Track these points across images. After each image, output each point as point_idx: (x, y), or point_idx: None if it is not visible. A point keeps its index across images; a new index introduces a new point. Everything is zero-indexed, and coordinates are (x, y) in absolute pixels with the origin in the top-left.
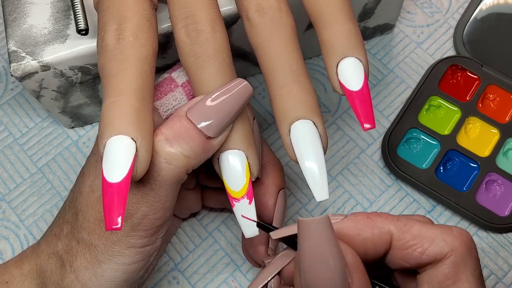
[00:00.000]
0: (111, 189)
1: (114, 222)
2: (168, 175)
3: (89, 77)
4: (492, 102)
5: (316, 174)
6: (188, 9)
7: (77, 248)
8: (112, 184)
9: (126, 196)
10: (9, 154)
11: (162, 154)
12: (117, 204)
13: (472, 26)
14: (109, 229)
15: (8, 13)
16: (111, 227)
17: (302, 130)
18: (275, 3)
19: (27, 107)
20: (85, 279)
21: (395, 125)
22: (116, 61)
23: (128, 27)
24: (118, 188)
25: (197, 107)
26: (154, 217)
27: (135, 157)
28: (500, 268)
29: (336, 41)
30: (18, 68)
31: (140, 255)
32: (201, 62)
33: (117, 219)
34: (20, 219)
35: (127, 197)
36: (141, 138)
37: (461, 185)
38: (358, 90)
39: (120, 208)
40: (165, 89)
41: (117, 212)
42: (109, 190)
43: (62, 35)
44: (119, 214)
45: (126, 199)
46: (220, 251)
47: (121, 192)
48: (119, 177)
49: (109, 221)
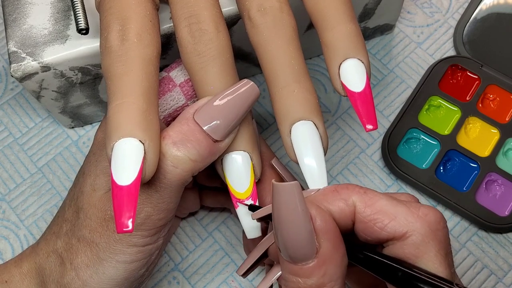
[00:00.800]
0: (121, 191)
1: (125, 225)
2: (173, 178)
3: (89, 77)
4: (492, 102)
5: (316, 174)
6: (191, 8)
7: (77, 246)
8: (122, 187)
9: (136, 198)
10: (9, 154)
11: (169, 157)
12: (127, 207)
13: (472, 26)
14: (120, 231)
15: (8, 13)
16: (122, 230)
17: (302, 130)
18: (277, 3)
19: (27, 107)
20: (85, 277)
21: (395, 125)
22: (121, 63)
23: (131, 28)
24: (128, 191)
25: (204, 109)
26: (157, 218)
27: (144, 159)
28: (500, 268)
29: (338, 42)
30: (18, 68)
31: (141, 253)
32: (205, 62)
33: (128, 222)
34: (20, 219)
35: (137, 199)
36: (149, 141)
37: (461, 185)
38: (361, 91)
39: (131, 211)
40: (163, 88)
41: (128, 214)
42: (119, 193)
43: (62, 36)
44: (130, 217)
45: (136, 202)
46: (220, 251)
47: (131, 195)
48: (129, 179)
49: (120, 224)
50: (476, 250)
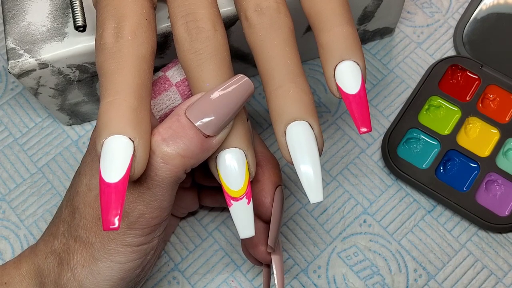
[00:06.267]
0: (109, 189)
1: (111, 222)
2: (165, 175)
3: (87, 75)
4: (492, 102)
5: (310, 175)
6: (189, 6)
7: (74, 246)
8: (109, 184)
9: (123, 196)
10: (9, 154)
11: (159, 154)
12: (114, 204)
13: (472, 26)
14: (107, 229)
15: (7, 10)
16: (109, 227)
17: (297, 131)
18: (274, 4)
19: (27, 107)
20: (81, 277)
21: (395, 125)
22: (114, 60)
23: (126, 26)
24: (115, 188)
25: (197, 105)
26: (151, 216)
27: (133, 157)
28: (500, 268)
29: (334, 44)
30: (16, 65)
31: (136, 253)
32: (202, 59)
33: (115, 219)
34: (20, 219)
35: (124, 197)
36: (139, 138)
37: (461, 185)
38: (355, 93)
39: (117, 209)
40: (159, 88)
41: (115, 212)
42: (107, 190)
43: (61, 33)
44: (117, 214)
45: (123, 199)
46: (220, 251)
47: (119, 192)
48: (117, 177)
49: (107, 221)
50: (476, 250)
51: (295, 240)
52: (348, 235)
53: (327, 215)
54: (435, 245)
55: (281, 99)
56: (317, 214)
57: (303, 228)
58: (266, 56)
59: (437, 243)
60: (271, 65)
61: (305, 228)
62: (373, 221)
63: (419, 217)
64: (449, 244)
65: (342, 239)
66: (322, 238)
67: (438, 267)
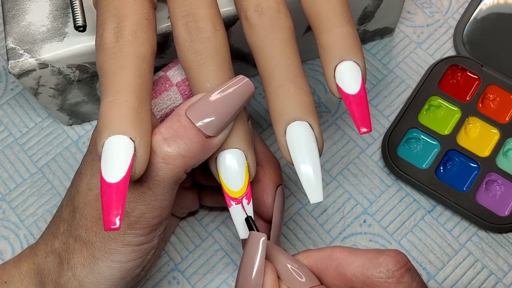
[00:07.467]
0: (110, 189)
1: (113, 222)
2: (165, 175)
3: (87, 75)
4: (492, 102)
5: (310, 175)
6: (189, 7)
7: (74, 246)
8: (110, 184)
9: (124, 196)
10: (9, 154)
11: (159, 154)
12: (115, 204)
13: (472, 26)
14: (108, 229)
15: (7, 9)
16: (110, 227)
17: (297, 131)
18: (274, 4)
19: (27, 107)
20: (81, 276)
21: (395, 125)
22: (115, 60)
23: (127, 26)
24: (116, 188)
25: (197, 105)
26: (151, 216)
27: (134, 157)
28: (500, 268)
29: (334, 44)
30: (16, 65)
31: (136, 253)
32: (202, 60)
33: (116, 220)
34: (20, 219)
35: (125, 197)
36: (140, 138)
37: (461, 185)
38: (355, 93)
39: (118, 209)
40: (159, 88)
41: (116, 212)
42: (108, 190)
43: (61, 33)
44: (118, 214)
45: (124, 200)
46: (220, 251)
47: (120, 192)
48: (118, 177)
49: (108, 222)
50: (476, 250)
51: (295, 240)
52: (348, 235)
53: (327, 215)
54: (435, 245)
55: (281, 99)
56: (317, 214)
57: (303, 228)
58: (266, 56)
59: (437, 243)
60: (271, 65)
61: (305, 228)
62: (373, 221)
63: (419, 217)
64: (449, 244)
65: (342, 239)
66: (322, 238)
67: (438, 267)
